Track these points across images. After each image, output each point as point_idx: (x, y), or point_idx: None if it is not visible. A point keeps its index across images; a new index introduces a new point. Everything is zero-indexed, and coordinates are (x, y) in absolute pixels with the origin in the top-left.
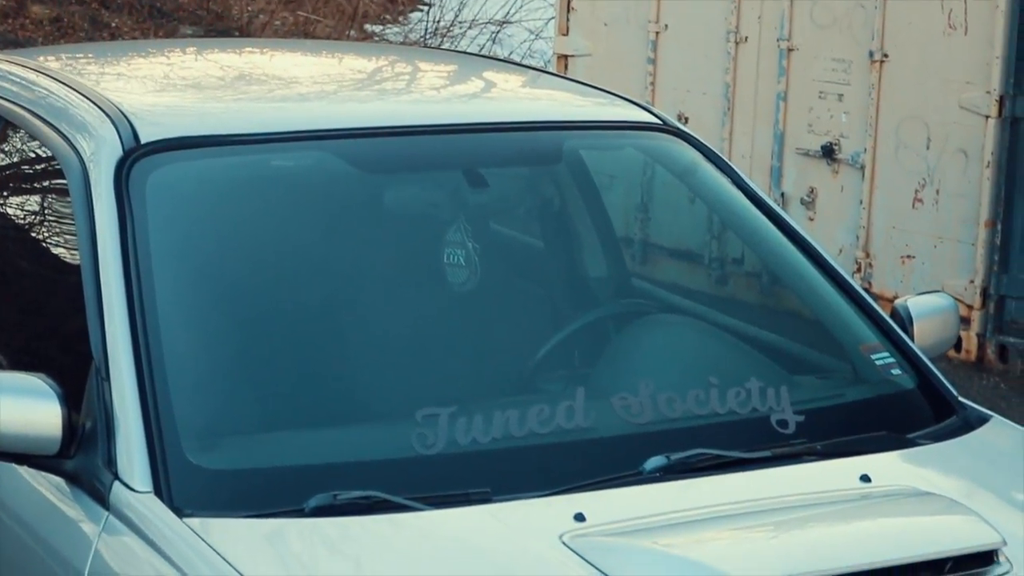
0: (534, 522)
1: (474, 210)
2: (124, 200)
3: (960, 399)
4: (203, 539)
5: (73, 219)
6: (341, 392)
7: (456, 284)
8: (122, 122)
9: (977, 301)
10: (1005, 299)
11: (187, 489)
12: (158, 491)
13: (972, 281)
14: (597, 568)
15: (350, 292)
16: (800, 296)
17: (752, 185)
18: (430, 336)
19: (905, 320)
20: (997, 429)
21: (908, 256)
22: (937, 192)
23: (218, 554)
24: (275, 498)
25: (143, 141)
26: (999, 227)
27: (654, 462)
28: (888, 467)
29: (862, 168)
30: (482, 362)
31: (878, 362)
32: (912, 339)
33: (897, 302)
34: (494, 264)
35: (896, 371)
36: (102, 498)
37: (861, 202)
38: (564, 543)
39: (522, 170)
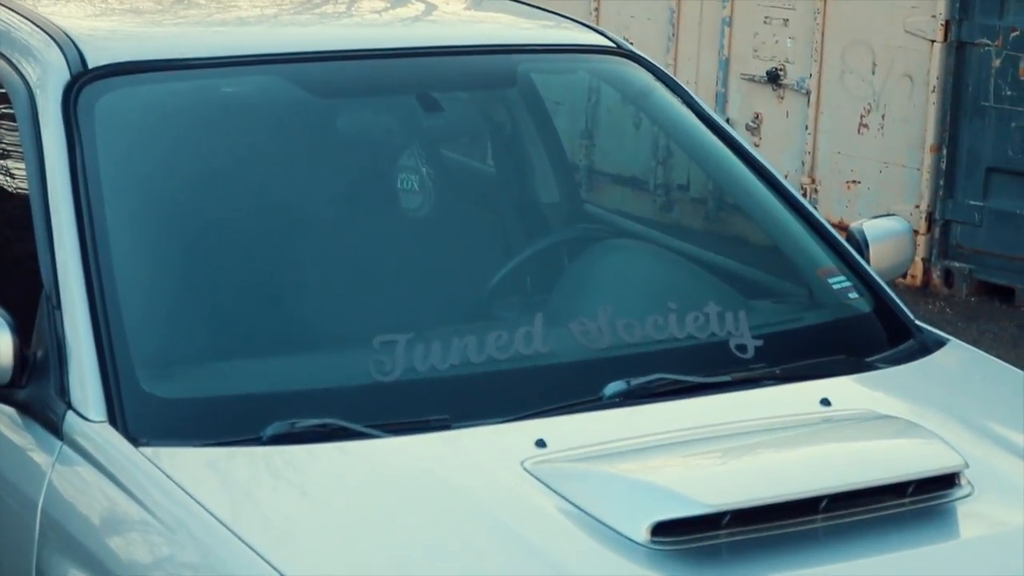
0: (495, 448)
1: (428, 135)
2: (72, 125)
3: (917, 322)
4: (159, 468)
5: (20, 145)
6: (297, 319)
7: (410, 210)
8: (69, 46)
9: (923, 226)
10: (950, 224)
11: (142, 418)
12: (112, 420)
13: (917, 206)
14: (560, 494)
15: (304, 218)
16: (756, 221)
17: (707, 109)
18: (385, 262)
19: (861, 244)
20: (954, 352)
21: (853, 181)
22: (883, 117)
23: (175, 483)
24: (232, 427)
25: (91, 66)
26: (944, 152)
27: (614, 387)
28: (847, 391)
29: (807, 93)
30: (438, 288)
31: (835, 286)
32: (868, 262)
33: (852, 226)
34: (448, 190)
35: (853, 295)
36: (55, 428)
37: (806, 127)
38: (526, 469)
39: (475, 94)
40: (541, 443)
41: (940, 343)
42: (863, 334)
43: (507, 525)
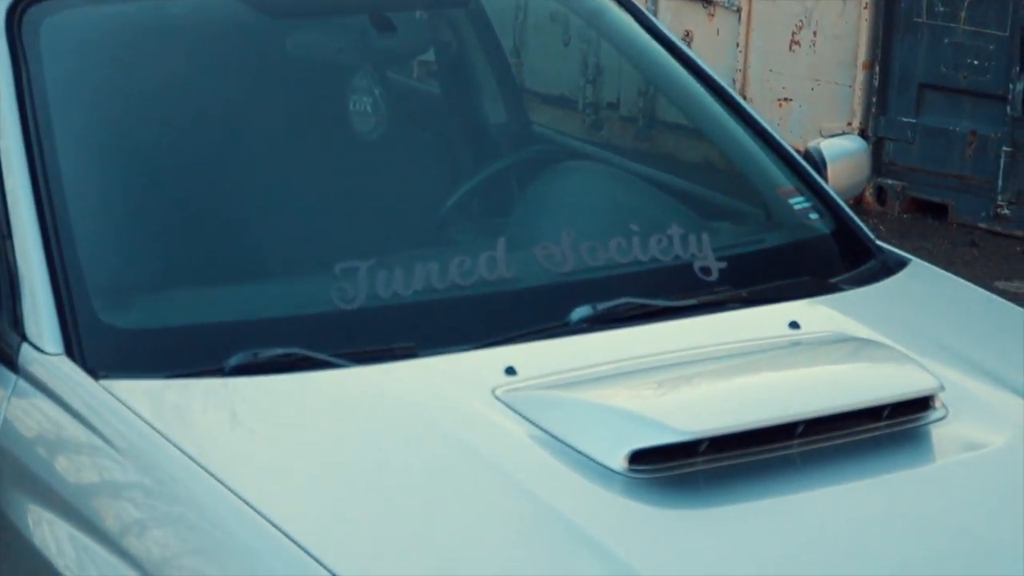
0: (464, 377)
1: (381, 55)
2: (17, 48)
3: (877, 242)
4: (121, 401)
5: None
6: (255, 247)
7: (364, 132)
8: None
9: None
10: (883, 141)
11: (101, 350)
12: (70, 353)
13: (850, 123)
14: (533, 422)
15: (258, 143)
16: (715, 141)
17: (662, 27)
18: (342, 187)
19: (819, 163)
20: (918, 272)
21: (785, 99)
22: (814, 34)
23: (137, 416)
24: (193, 358)
25: None
26: (877, 69)
27: (580, 312)
28: (815, 313)
29: (738, 11)
30: (397, 213)
31: (796, 206)
32: (826, 182)
33: (810, 145)
34: (401, 112)
35: (814, 215)
36: (10, 361)
37: (737, 45)
38: (497, 397)
39: (428, 14)
40: (511, 370)
41: (902, 263)
42: (825, 255)
43: (480, 454)
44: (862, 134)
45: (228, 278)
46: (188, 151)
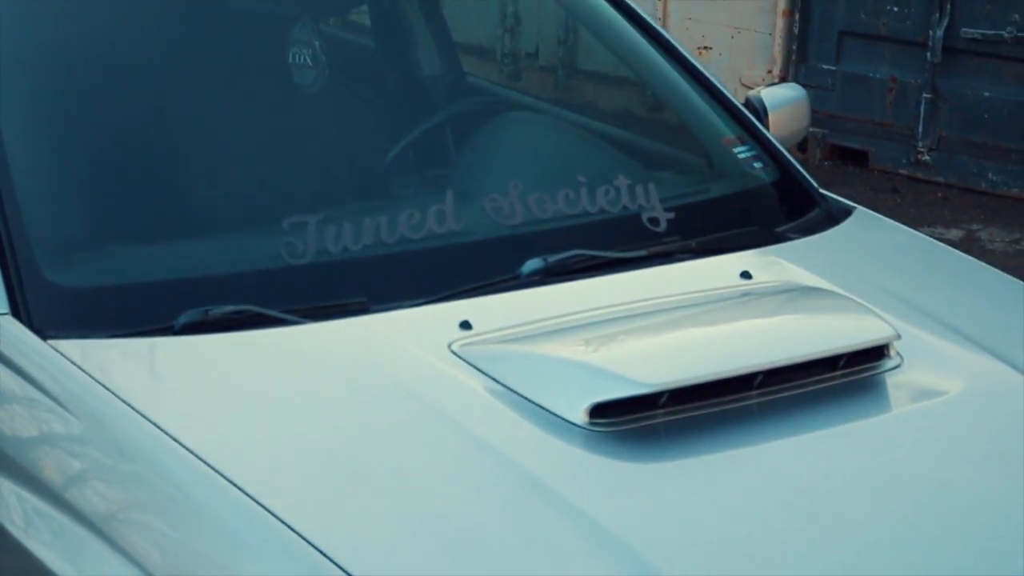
0: (418, 332)
1: (318, 7)
2: None
3: (821, 191)
4: (69, 360)
5: None
6: (201, 202)
7: (304, 85)
8: None
9: None
10: (804, 88)
11: (48, 309)
12: (16, 312)
13: (770, 71)
14: (491, 377)
15: (200, 97)
16: (657, 92)
17: None
18: (286, 141)
19: (760, 111)
20: (863, 220)
21: (704, 47)
22: None
23: (88, 375)
24: (143, 316)
25: None
26: (796, 17)
27: (531, 265)
28: (765, 263)
29: None
30: (343, 167)
31: (740, 155)
32: (767, 130)
33: (750, 94)
34: (340, 64)
35: (758, 164)
36: None
37: None
38: (453, 352)
39: None
40: (466, 325)
41: (847, 211)
42: (771, 204)
43: (439, 409)
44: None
45: (175, 235)
46: (129, 107)
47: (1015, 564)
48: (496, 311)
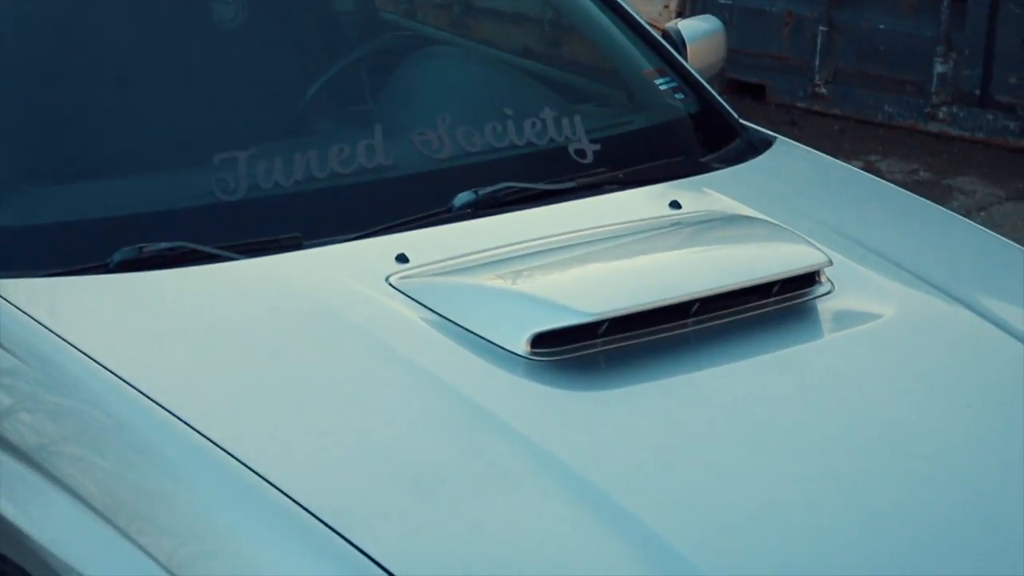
0: (355, 266)
1: None
2: None
3: (741, 121)
4: (4, 299)
5: None
6: (132, 140)
7: (224, 22)
8: None
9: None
10: None
11: None
12: None
13: (667, 6)
14: (432, 309)
15: (125, 35)
16: (576, 25)
17: None
18: (213, 77)
19: (678, 43)
20: (785, 149)
21: None
22: None
23: (23, 312)
24: (77, 254)
25: None
26: None
27: (463, 198)
28: (693, 192)
29: None
30: (270, 103)
31: (661, 87)
32: (686, 62)
33: (668, 25)
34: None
35: (679, 95)
36: None
37: None
38: (392, 285)
39: None
40: (402, 258)
41: (768, 141)
42: (694, 135)
43: (381, 342)
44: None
45: (107, 173)
46: (54, 47)
47: (943, 479)
48: (431, 244)
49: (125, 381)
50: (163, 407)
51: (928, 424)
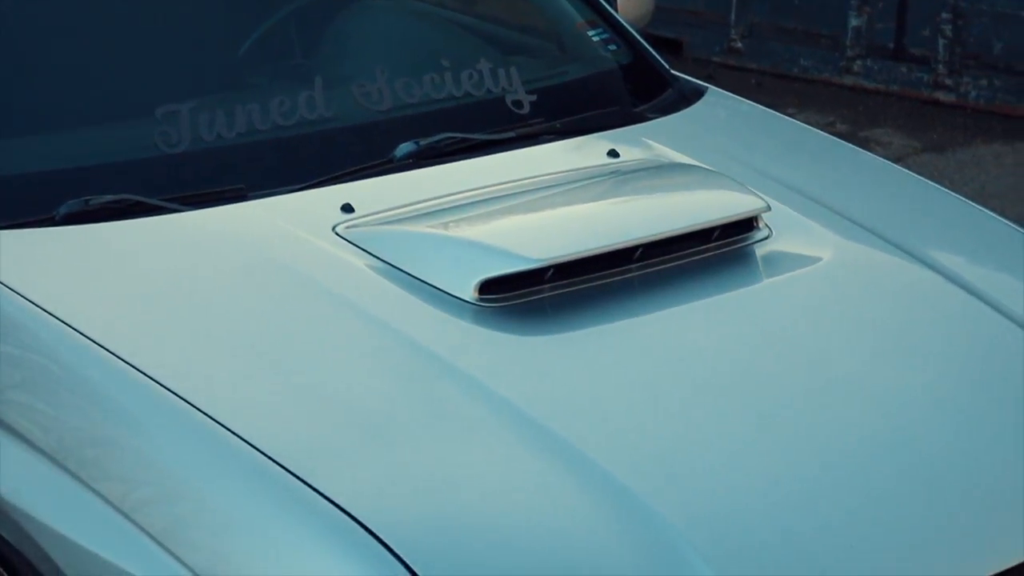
0: (301, 216)
1: None
2: None
3: (673, 72)
4: None
5: None
6: (75, 94)
7: None
8: None
9: None
10: None
11: None
12: None
13: None
14: (380, 258)
15: None
16: None
17: None
18: (151, 30)
19: None
20: (717, 99)
21: None
22: None
23: None
24: (23, 207)
25: None
26: None
27: (405, 148)
28: (630, 141)
29: None
30: (210, 57)
31: (594, 38)
32: (617, 13)
33: None
34: None
35: (612, 47)
36: None
37: None
38: (339, 234)
39: None
40: (348, 208)
41: (700, 91)
42: (628, 85)
43: (331, 291)
44: None
45: (53, 126)
46: None
47: (883, 418)
48: (375, 194)
49: (75, 329)
50: (114, 354)
51: (864, 363)
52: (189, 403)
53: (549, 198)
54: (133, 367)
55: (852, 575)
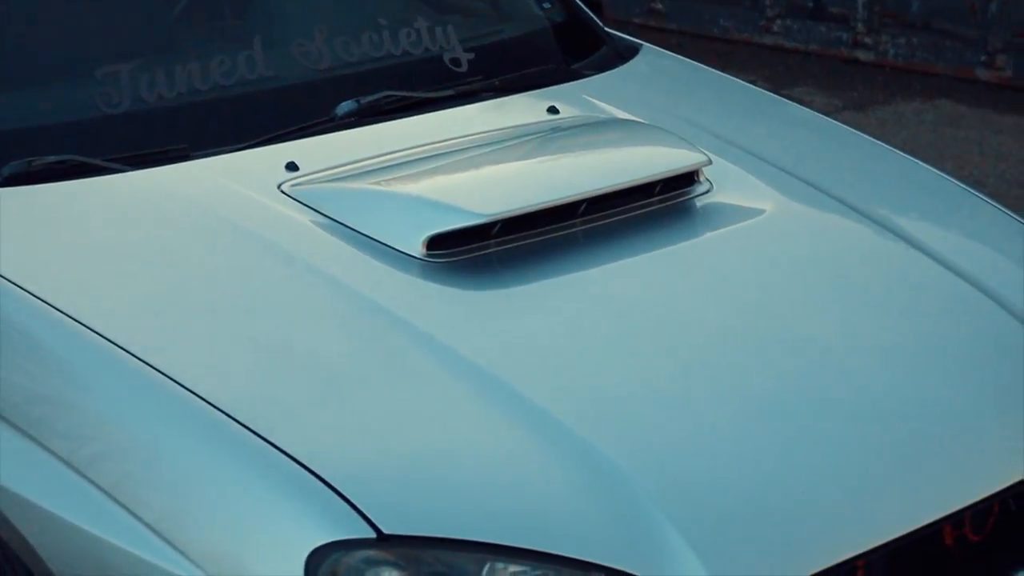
0: (246, 175)
1: None
2: None
3: (607, 29)
4: None
5: None
6: (16, 55)
7: None
8: None
9: None
10: None
11: None
12: None
13: None
14: (327, 215)
15: None
16: None
17: None
18: None
19: None
20: (652, 56)
21: None
22: None
23: None
24: None
25: None
26: None
27: (345, 107)
28: (569, 98)
29: None
30: (149, 18)
31: None
32: None
33: None
34: None
35: (547, 4)
36: None
37: None
38: (284, 192)
39: None
40: (292, 166)
41: (634, 48)
42: (563, 43)
43: (279, 248)
44: None
45: None
46: None
47: (829, 363)
48: (318, 152)
49: (22, 288)
50: (64, 312)
51: (808, 310)
52: (141, 359)
53: (492, 154)
54: (83, 325)
55: (800, 510)
